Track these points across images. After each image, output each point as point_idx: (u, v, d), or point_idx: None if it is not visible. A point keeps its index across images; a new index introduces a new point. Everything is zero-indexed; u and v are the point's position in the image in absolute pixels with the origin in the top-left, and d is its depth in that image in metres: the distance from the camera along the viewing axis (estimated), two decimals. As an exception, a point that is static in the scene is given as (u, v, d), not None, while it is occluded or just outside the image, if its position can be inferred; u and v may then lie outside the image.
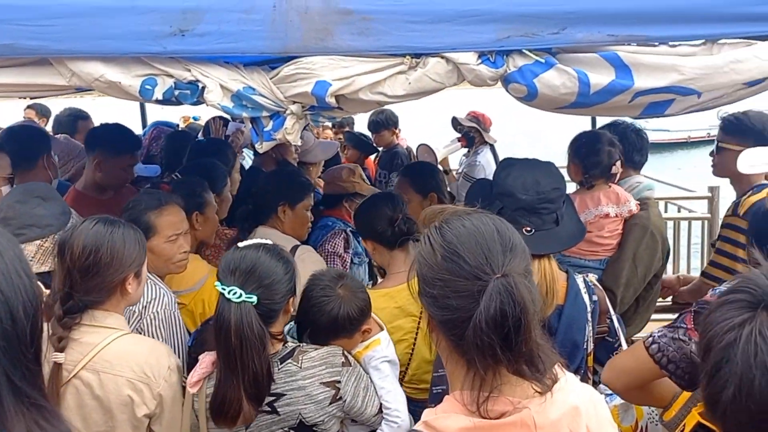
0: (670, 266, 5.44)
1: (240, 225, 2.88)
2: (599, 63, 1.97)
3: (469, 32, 1.95)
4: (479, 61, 1.99)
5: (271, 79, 2.06)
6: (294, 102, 2.08)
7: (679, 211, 6.27)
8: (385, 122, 5.87)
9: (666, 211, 6.12)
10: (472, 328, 1.14)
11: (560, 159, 3.63)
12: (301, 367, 1.87)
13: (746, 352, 0.84)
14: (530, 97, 2.03)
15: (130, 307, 2.11)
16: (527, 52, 1.98)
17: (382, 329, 2.18)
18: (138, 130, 5.47)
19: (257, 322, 1.75)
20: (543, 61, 1.97)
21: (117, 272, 1.87)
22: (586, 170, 3.05)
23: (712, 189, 5.68)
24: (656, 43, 1.98)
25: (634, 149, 3.24)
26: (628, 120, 3.28)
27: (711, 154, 3.15)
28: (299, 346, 1.94)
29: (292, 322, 2.15)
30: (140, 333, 2.14)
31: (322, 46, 1.98)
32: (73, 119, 4.74)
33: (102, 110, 5.77)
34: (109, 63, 2.02)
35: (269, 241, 1.97)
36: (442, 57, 1.99)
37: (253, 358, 1.74)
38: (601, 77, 1.96)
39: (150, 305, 2.18)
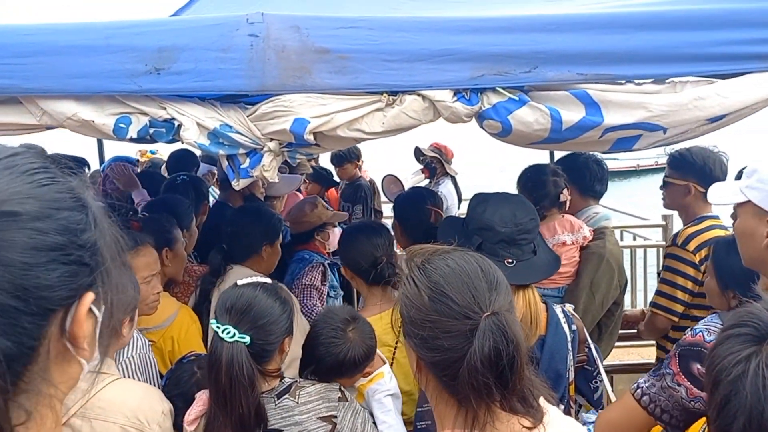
0: (629, 295, 5.59)
1: (213, 264, 2.81)
2: (570, 100, 2.04)
3: (445, 71, 1.99)
4: (455, 98, 2.03)
5: (248, 116, 2.06)
6: (271, 139, 2.08)
7: (634, 239, 6.46)
8: (347, 155, 5.90)
9: (622, 239, 6.29)
10: (466, 368, 1.14)
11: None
12: (298, 402, 1.86)
13: (755, 385, 0.87)
14: (505, 133, 2.08)
15: None
16: (501, 90, 2.03)
17: (384, 363, 2.19)
18: (95, 164, 5.39)
19: (248, 363, 1.73)
20: (516, 98, 2.03)
21: (119, 314, 1.82)
22: (536, 203, 3.11)
23: (665, 217, 5.87)
24: (623, 82, 2.06)
25: (596, 179, 3.34)
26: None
27: (661, 187, 3.28)
28: (296, 381, 1.93)
29: None
30: (116, 377, 2.08)
31: (299, 84, 1.99)
32: None
33: (58, 145, 5.63)
34: (81, 101, 1.99)
35: (268, 279, 1.96)
36: (419, 94, 2.03)
37: (241, 398, 1.72)
38: (572, 114, 2.02)
39: (124, 350, 2.13)
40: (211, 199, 4.59)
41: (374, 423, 2.03)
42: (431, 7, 2.34)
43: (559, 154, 5.08)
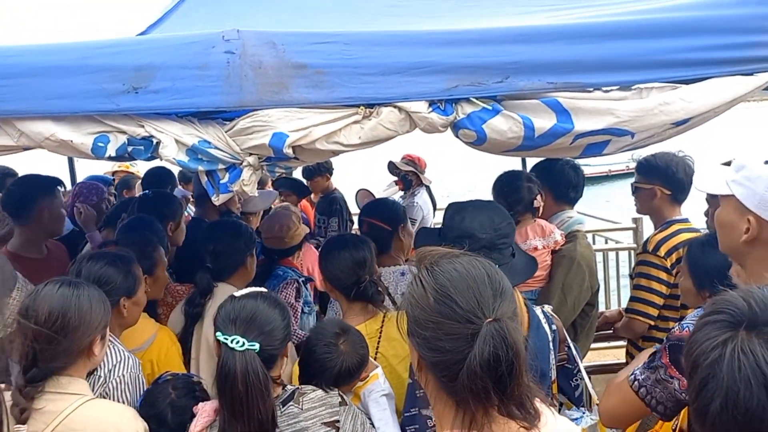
0: (603, 296, 5.69)
1: (201, 285, 2.79)
2: (541, 108, 2.10)
3: (420, 83, 2.04)
4: (430, 109, 2.08)
5: (226, 132, 2.08)
6: (250, 154, 2.11)
7: (606, 243, 6.57)
8: (317, 169, 5.89)
9: (594, 243, 6.40)
10: (466, 371, 1.17)
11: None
12: (302, 409, 1.89)
13: (731, 368, 0.92)
14: (480, 142, 2.13)
15: (96, 372, 2.05)
16: (475, 100, 2.09)
17: (377, 366, 2.24)
18: (67, 183, 5.32)
19: (262, 369, 1.76)
20: (490, 107, 2.08)
21: (85, 336, 1.82)
22: (510, 208, 3.18)
23: (636, 220, 6.00)
24: (591, 89, 2.13)
25: (570, 186, 3.42)
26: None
27: (632, 193, 3.38)
28: (298, 388, 1.96)
29: None
30: (106, 397, 2.06)
31: (277, 99, 2.02)
32: (1, 177, 4.55)
33: (28, 166, 5.56)
34: (59, 122, 2.00)
35: (262, 289, 2.00)
36: (395, 106, 2.07)
37: (259, 405, 1.74)
38: (543, 122, 2.09)
39: (115, 369, 2.11)
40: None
41: (371, 424, 2.07)
42: (405, 21, 2.39)
43: (531, 161, 5.20)
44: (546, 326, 2.12)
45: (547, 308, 2.22)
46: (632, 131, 2.12)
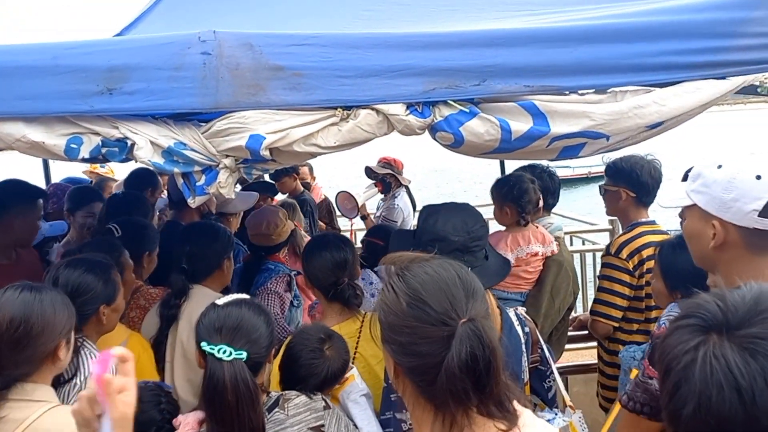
0: (580, 298, 5.75)
1: (176, 287, 2.76)
2: (518, 111, 2.11)
3: (397, 85, 2.04)
4: (408, 111, 2.08)
5: (202, 133, 2.07)
6: (227, 156, 2.09)
7: (583, 244, 6.64)
8: (284, 169, 5.86)
9: (572, 245, 6.47)
10: (444, 373, 1.17)
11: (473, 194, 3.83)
12: (288, 415, 1.88)
13: (703, 372, 0.93)
14: (457, 144, 2.14)
15: (73, 380, 2.02)
16: (452, 103, 2.10)
17: (352, 367, 2.23)
18: (41, 185, 5.24)
19: (251, 378, 1.74)
20: (467, 110, 2.09)
21: (49, 341, 1.78)
22: (522, 209, 3.27)
23: (612, 222, 6.07)
24: (567, 92, 2.15)
25: (548, 192, 3.48)
26: (544, 163, 3.52)
27: (601, 196, 3.43)
28: (282, 394, 1.95)
29: None
30: (82, 405, 2.02)
31: (254, 102, 2.01)
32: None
33: (1, 167, 5.46)
34: (30, 123, 1.96)
35: (245, 296, 1.98)
36: (372, 108, 2.07)
37: (249, 415, 1.72)
38: (520, 124, 2.10)
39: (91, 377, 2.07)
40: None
41: (354, 425, 2.07)
42: (382, 25, 2.39)
43: (509, 164, 5.23)
44: (519, 328, 2.13)
45: (521, 310, 2.23)
46: (607, 134, 2.15)
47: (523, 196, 3.24)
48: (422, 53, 2.02)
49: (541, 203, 3.33)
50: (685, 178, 2.89)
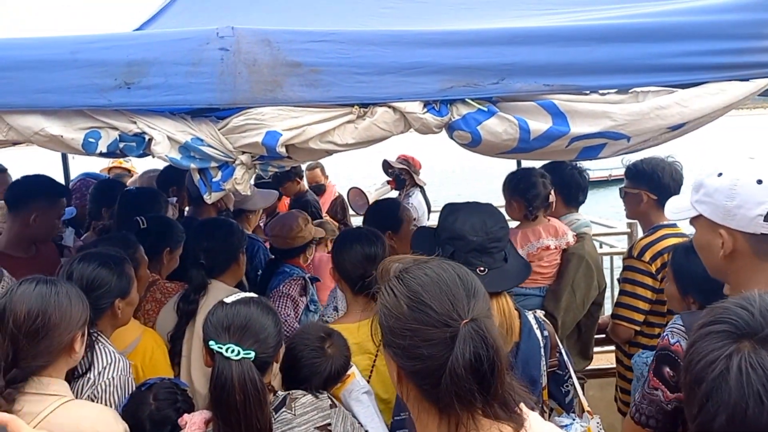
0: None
1: (196, 282, 2.77)
2: (537, 111, 2.08)
3: (415, 83, 2.02)
4: (425, 110, 2.07)
5: (219, 129, 2.06)
6: (243, 152, 2.09)
7: (600, 247, 6.56)
8: (287, 174, 5.89)
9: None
10: (449, 375, 1.15)
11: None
12: (295, 415, 1.87)
13: (739, 382, 0.89)
14: (474, 144, 2.12)
15: (86, 374, 2.03)
16: (470, 101, 2.07)
17: (351, 366, 2.22)
18: (60, 180, 5.28)
19: (259, 378, 1.73)
20: (485, 109, 2.07)
21: (66, 332, 1.79)
22: (529, 204, 3.26)
23: (630, 225, 6.00)
24: (588, 92, 2.12)
25: (580, 189, 3.45)
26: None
27: (621, 198, 3.39)
28: (288, 393, 1.94)
29: None
30: (94, 399, 2.04)
31: (271, 98, 2.00)
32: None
33: (20, 161, 5.52)
34: (49, 116, 1.98)
35: (254, 295, 1.97)
36: (389, 106, 2.05)
37: (257, 415, 1.71)
38: (539, 124, 2.07)
39: (105, 371, 2.09)
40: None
41: (359, 423, 2.06)
42: (400, 22, 2.38)
43: (525, 163, 5.19)
44: (537, 332, 2.10)
45: (540, 313, 2.21)
46: (628, 135, 2.11)
47: (530, 190, 3.24)
48: (440, 51, 2.00)
49: (552, 198, 3.29)
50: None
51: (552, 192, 3.29)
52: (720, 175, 1.68)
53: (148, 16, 3.17)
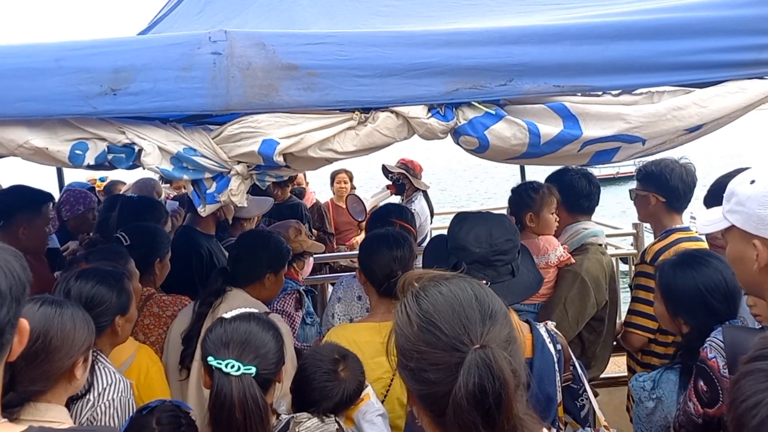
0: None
1: (213, 286, 2.69)
2: (547, 113, 1.98)
3: (418, 85, 1.92)
4: (429, 114, 1.97)
5: (213, 139, 1.96)
6: (239, 162, 1.98)
7: (606, 248, 6.47)
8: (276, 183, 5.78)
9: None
10: (451, 406, 1.08)
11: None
12: None
13: None
14: (482, 149, 2.01)
15: (86, 395, 1.94)
16: (476, 104, 1.97)
17: (367, 386, 2.12)
18: (55, 191, 5.18)
19: (260, 395, 1.65)
20: (492, 112, 1.96)
21: (67, 357, 1.71)
22: (516, 219, 3.16)
23: (636, 225, 5.88)
24: (600, 93, 2.02)
25: (582, 195, 3.31)
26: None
27: (632, 200, 3.29)
28: (293, 417, 1.85)
29: None
30: (94, 422, 1.95)
31: (267, 103, 1.89)
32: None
33: (15, 171, 5.41)
34: (33, 128, 1.87)
35: (254, 310, 1.90)
36: (392, 111, 1.95)
37: None
38: (550, 128, 1.97)
39: (105, 392, 2.00)
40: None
41: None
42: (401, 22, 2.28)
43: (529, 169, 5.08)
44: (551, 346, 2.00)
45: (551, 326, 2.10)
46: (643, 137, 2.01)
47: (514, 204, 3.20)
48: (444, 51, 1.89)
49: (545, 211, 3.15)
50: (707, 198, 2.78)
51: (545, 204, 3.15)
52: (753, 182, 1.60)
53: (149, 22, 3.09)
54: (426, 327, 1.16)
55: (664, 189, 3.03)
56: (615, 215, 8.23)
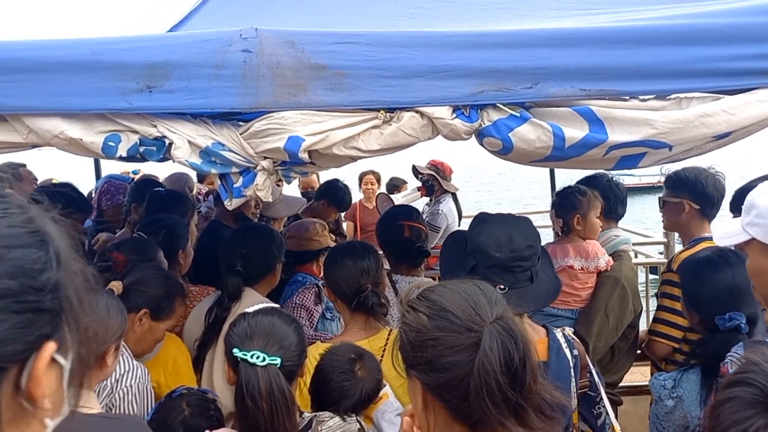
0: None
1: (232, 289, 2.70)
2: (573, 117, 1.98)
3: (443, 87, 1.93)
4: (454, 115, 1.98)
5: (241, 134, 2.00)
6: (265, 157, 2.02)
7: (636, 257, 6.37)
8: None
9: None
10: (477, 376, 1.09)
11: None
12: None
13: None
14: (505, 151, 2.02)
15: (103, 382, 1.99)
16: (501, 106, 1.97)
17: (385, 385, 2.13)
18: (91, 182, 5.32)
19: (286, 385, 1.67)
20: (517, 114, 1.97)
21: (99, 344, 1.75)
22: (564, 222, 3.18)
23: (667, 234, 5.79)
24: (627, 98, 2.00)
25: (618, 201, 3.30)
26: (610, 173, 3.36)
27: (660, 209, 3.24)
28: (315, 415, 1.86)
29: None
30: (112, 408, 2.00)
31: (294, 102, 1.93)
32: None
33: (53, 162, 5.57)
34: (69, 119, 1.93)
35: (276, 305, 1.94)
36: (417, 111, 1.97)
37: (285, 424, 1.64)
38: (575, 131, 1.96)
39: (123, 379, 2.05)
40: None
41: None
42: (430, 23, 2.29)
43: (559, 172, 5.04)
44: (567, 351, 1.98)
45: (568, 331, 2.09)
46: (670, 144, 1.99)
47: (561, 206, 3.16)
48: (471, 53, 1.90)
49: (591, 215, 3.14)
50: (733, 205, 2.73)
51: (591, 208, 3.14)
52: None
53: (180, 17, 3.15)
54: (437, 314, 1.18)
55: (698, 196, 2.98)
56: (635, 224, 8.11)
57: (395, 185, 7.39)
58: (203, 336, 2.67)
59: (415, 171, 5.83)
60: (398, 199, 5.80)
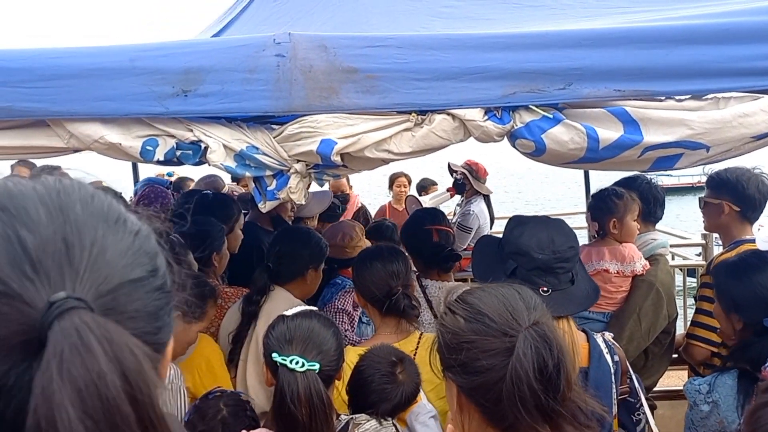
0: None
1: (258, 284, 2.76)
2: (607, 118, 1.95)
3: (475, 89, 1.93)
4: (486, 117, 1.97)
5: (274, 137, 2.03)
6: (298, 161, 2.05)
7: (673, 259, 6.25)
8: None
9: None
10: (510, 380, 1.10)
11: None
12: None
13: None
14: (538, 153, 2.00)
15: None
16: (534, 108, 1.96)
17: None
18: (127, 185, 5.42)
19: (325, 391, 1.67)
20: (550, 116, 1.95)
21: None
22: (600, 225, 3.13)
23: (705, 236, 5.68)
24: (663, 98, 1.97)
25: (657, 204, 3.26)
26: (648, 175, 3.31)
27: (700, 209, 3.19)
28: (352, 418, 1.86)
29: None
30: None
31: (327, 105, 1.95)
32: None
33: (91, 165, 5.67)
34: (108, 124, 1.98)
35: (314, 308, 1.93)
36: (448, 113, 1.97)
37: (323, 429, 1.64)
38: (609, 132, 1.94)
39: None
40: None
41: None
42: (461, 25, 2.29)
43: (594, 174, 4.98)
44: (608, 357, 1.95)
45: (608, 336, 2.05)
46: (708, 144, 1.95)
47: (597, 210, 3.11)
48: (503, 55, 1.90)
49: (628, 218, 3.10)
50: None
51: (628, 211, 3.10)
52: None
53: (222, 25, 3.21)
54: (473, 317, 1.19)
55: (739, 197, 2.92)
56: (679, 225, 7.97)
57: (424, 186, 7.38)
58: (237, 331, 2.71)
59: (450, 168, 5.80)
60: (426, 200, 5.78)
